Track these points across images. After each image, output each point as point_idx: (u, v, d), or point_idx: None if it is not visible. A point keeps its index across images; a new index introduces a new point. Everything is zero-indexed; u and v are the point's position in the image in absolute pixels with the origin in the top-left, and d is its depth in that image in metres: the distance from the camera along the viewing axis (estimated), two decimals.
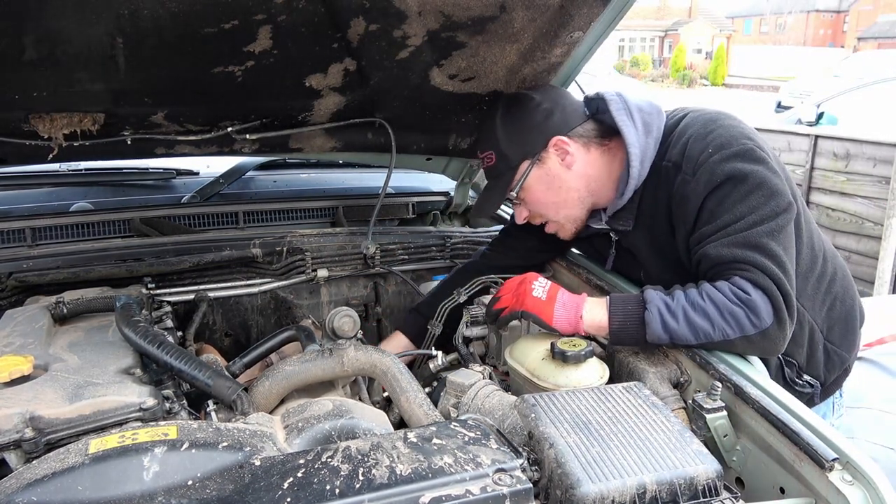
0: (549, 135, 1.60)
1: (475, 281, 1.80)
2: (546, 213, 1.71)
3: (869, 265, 4.85)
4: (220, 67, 1.57)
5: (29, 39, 1.36)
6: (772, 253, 1.38)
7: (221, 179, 2.47)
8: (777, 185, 1.42)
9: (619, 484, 0.95)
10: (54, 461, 0.91)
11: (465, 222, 2.65)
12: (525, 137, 1.62)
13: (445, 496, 0.88)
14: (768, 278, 1.36)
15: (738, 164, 1.42)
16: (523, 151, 1.62)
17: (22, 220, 2.03)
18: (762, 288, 1.36)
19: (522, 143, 1.62)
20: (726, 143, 1.45)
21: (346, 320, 1.39)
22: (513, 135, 1.62)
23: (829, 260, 1.63)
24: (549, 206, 1.68)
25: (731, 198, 1.42)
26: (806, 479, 1.10)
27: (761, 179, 1.41)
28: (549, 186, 1.64)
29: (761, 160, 1.43)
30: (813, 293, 1.59)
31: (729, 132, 1.47)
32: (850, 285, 1.68)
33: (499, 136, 1.63)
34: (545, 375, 1.40)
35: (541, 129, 1.61)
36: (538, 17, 1.59)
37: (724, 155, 1.43)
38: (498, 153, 1.64)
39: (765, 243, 1.38)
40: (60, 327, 1.43)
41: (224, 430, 1.00)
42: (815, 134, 5.34)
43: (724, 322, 1.36)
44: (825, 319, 1.61)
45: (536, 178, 1.63)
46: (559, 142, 1.60)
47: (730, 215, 1.41)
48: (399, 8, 1.51)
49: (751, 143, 1.45)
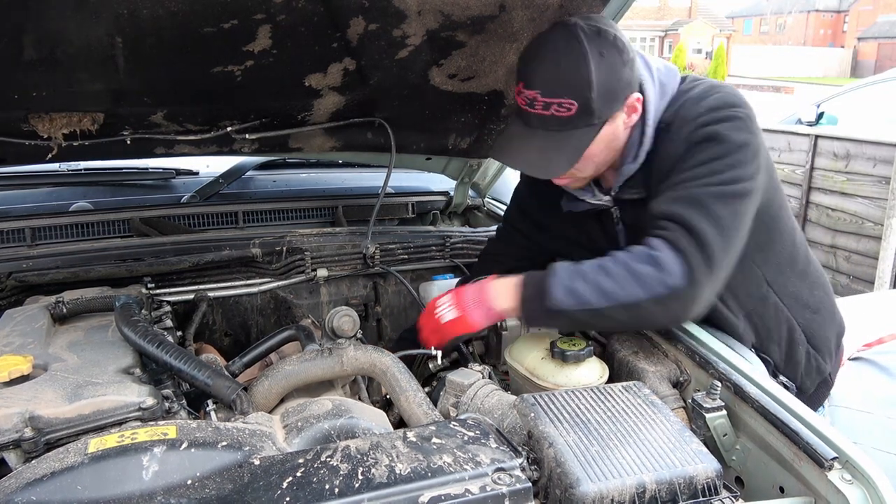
0: (630, 91, 1.42)
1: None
2: (584, 171, 1.50)
3: (869, 265, 4.85)
4: (220, 67, 1.57)
5: (29, 39, 1.36)
6: (711, 213, 1.31)
7: (221, 179, 2.47)
8: (750, 160, 1.35)
9: (618, 483, 0.95)
10: (54, 461, 0.91)
11: (465, 222, 2.65)
12: (618, 90, 1.40)
13: (445, 495, 0.88)
14: (691, 237, 1.31)
15: (721, 127, 1.36)
16: (613, 108, 1.40)
17: (22, 219, 2.03)
18: (678, 247, 1.30)
19: (615, 99, 1.40)
20: (718, 107, 1.38)
21: (345, 320, 1.39)
22: (607, 85, 1.37)
23: (812, 263, 1.59)
24: (594, 165, 1.48)
25: (699, 157, 1.36)
26: (805, 479, 1.10)
27: (739, 146, 1.34)
28: (607, 145, 1.45)
29: (748, 131, 1.36)
30: (795, 292, 1.54)
31: (725, 98, 1.40)
32: (831, 296, 1.63)
33: (593, 84, 1.35)
34: (545, 375, 1.40)
35: (628, 83, 1.41)
36: (538, 16, 1.59)
37: (712, 117, 1.37)
38: (583, 104, 1.37)
39: (707, 203, 1.32)
40: (60, 327, 1.43)
41: (223, 430, 1.00)
42: (815, 134, 5.33)
43: (633, 281, 1.30)
44: (808, 323, 1.56)
45: (604, 136, 1.43)
46: (636, 100, 1.43)
47: (689, 173, 1.36)
48: (398, 7, 1.51)
49: (743, 112, 1.37)
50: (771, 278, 1.47)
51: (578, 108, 1.37)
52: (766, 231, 1.47)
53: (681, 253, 1.31)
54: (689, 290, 1.29)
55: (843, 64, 39.03)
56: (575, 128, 1.40)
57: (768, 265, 1.49)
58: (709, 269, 1.30)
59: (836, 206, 5.12)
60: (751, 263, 1.46)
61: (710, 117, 1.37)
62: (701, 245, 1.30)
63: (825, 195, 5.22)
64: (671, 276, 1.29)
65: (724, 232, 1.32)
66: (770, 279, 1.47)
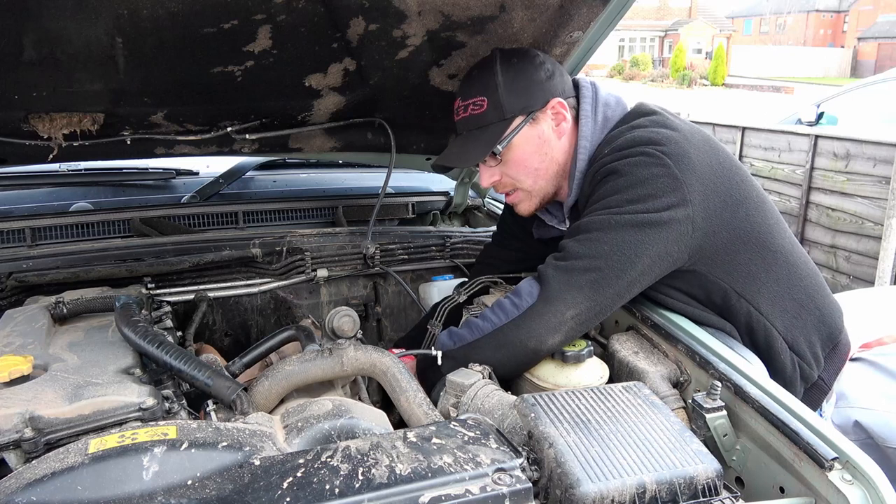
0: (550, 94, 1.53)
1: (475, 280, 1.80)
2: (520, 180, 1.60)
3: (869, 265, 4.85)
4: (220, 67, 1.57)
5: (29, 39, 1.36)
6: (587, 236, 1.39)
7: (221, 179, 2.47)
8: (656, 194, 1.37)
9: (618, 483, 0.95)
10: (54, 461, 0.91)
11: (465, 222, 2.65)
12: (527, 90, 1.52)
13: (445, 496, 0.88)
14: (558, 259, 1.40)
15: (621, 163, 1.41)
16: (522, 104, 1.52)
17: (22, 220, 2.03)
18: (542, 272, 1.41)
19: (523, 96, 1.52)
20: (624, 147, 1.44)
21: (345, 320, 1.39)
22: (514, 84, 1.51)
23: (795, 267, 1.54)
24: (528, 172, 1.59)
25: (598, 193, 1.44)
26: (806, 479, 1.10)
27: (640, 180, 1.38)
28: (537, 150, 1.56)
29: (658, 166, 1.38)
30: (772, 298, 1.50)
31: (637, 138, 1.44)
32: (818, 298, 1.57)
33: (497, 82, 1.51)
34: (545, 375, 1.40)
35: (543, 87, 1.53)
36: (538, 16, 1.59)
37: (616, 156, 1.43)
38: (492, 100, 1.52)
39: (588, 227, 1.40)
40: (60, 327, 1.43)
41: (223, 430, 1.00)
42: (815, 134, 5.33)
43: (492, 313, 1.44)
44: (788, 329, 1.52)
45: (526, 137, 1.54)
46: (559, 104, 1.54)
47: (589, 209, 1.44)
48: (399, 8, 1.51)
49: (657, 149, 1.39)
50: (741, 289, 1.46)
51: (488, 104, 1.52)
52: (725, 251, 1.45)
53: (542, 276, 1.41)
54: (540, 306, 1.38)
55: (843, 64, 39.03)
56: (489, 122, 1.54)
57: (734, 277, 1.47)
58: (565, 286, 1.37)
59: (836, 205, 5.12)
60: (714, 279, 1.46)
61: (614, 156, 1.45)
62: (563, 261, 1.39)
63: (825, 195, 5.22)
64: (521, 300, 1.41)
65: (597, 253, 1.37)
66: (740, 290, 1.46)
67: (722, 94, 27.15)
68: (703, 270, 1.45)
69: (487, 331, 1.42)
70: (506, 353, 1.40)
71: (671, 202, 1.37)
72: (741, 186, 1.48)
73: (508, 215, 1.91)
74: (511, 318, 1.40)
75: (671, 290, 1.49)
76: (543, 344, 1.38)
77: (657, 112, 1.55)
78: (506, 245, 1.93)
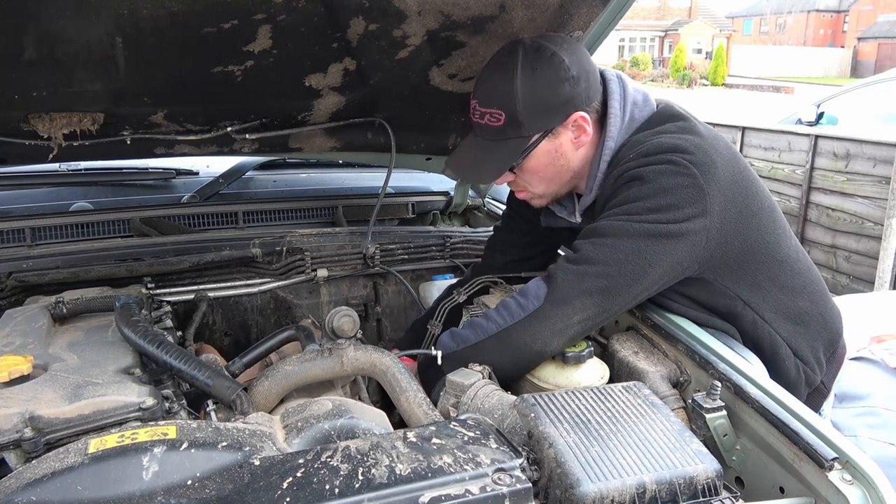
0: (572, 108, 1.44)
1: (475, 280, 1.80)
2: (533, 186, 1.57)
3: (869, 265, 4.85)
4: (220, 67, 1.57)
5: (29, 39, 1.36)
6: (602, 241, 1.36)
7: (221, 179, 2.47)
8: (679, 205, 1.33)
9: (618, 483, 0.95)
10: (54, 461, 0.91)
11: (465, 222, 2.65)
12: (548, 105, 1.42)
13: (445, 496, 0.88)
14: (570, 261, 1.37)
15: (646, 170, 1.37)
16: (543, 123, 1.44)
17: (22, 219, 2.03)
18: (551, 273, 1.38)
19: (545, 114, 1.43)
20: (651, 153, 1.39)
21: (345, 320, 1.39)
22: (536, 100, 1.41)
23: (799, 274, 1.53)
24: (542, 180, 1.54)
25: (619, 197, 1.39)
26: (806, 479, 1.10)
27: (663, 189, 1.34)
28: (553, 162, 1.50)
29: (684, 175, 1.34)
30: (777, 306, 1.50)
31: (664, 144, 1.39)
32: (821, 303, 1.57)
33: (518, 97, 1.40)
34: (545, 376, 1.40)
35: (567, 101, 1.43)
36: (538, 16, 1.59)
37: (642, 161, 1.39)
38: (510, 116, 1.42)
39: (605, 231, 1.37)
40: (60, 327, 1.43)
41: (223, 430, 1.00)
42: (815, 134, 5.34)
43: (497, 314, 1.42)
44: (791, 336, 1.52)
45: (544, 151, 1.47)
46: (581, 119, 1.45)
47: (608, 212, 1.40)
48: (399, 7, 1.51)
49: (684, 158, 1.35)
50: (747, 297, 1.46)
51: (506, 119, 1.43)
52: (734, 260, 1.44)
53: (552, 278, 1.38)
54: (548, 309, 1.36)
55: (843, 64, 39.03)
56: (505, 138, 1.46)
57: (741, 286, 1.46)
58: (575, 291, 1.35)
59: (836, 206, 5.13)
60: (722, 288, 1.45)
61: (639, 161, 1.40)
62: (575, 264, 1.37)
63: (825, 195, 5.22)
64: (528, 301, 1.39)
65: (611, 260, 1.35)
66: (746, 298, 1.46)
67: (722, 94, 27.15)
68: (711, 278, 1.44)
69: (492, 332, 1.41)
70: (509, 356, 1.39)
71: (692, 213, 1.35)
72: (756, 197, 1.46)
73: (514, 198, 1.89)
74: (516, 319, 1.38)
75: (677, 296, 1.48)
76: (548, 347, 1.37)
77: (685, 117, 1.49)
78: (514, 228, 1.90)
